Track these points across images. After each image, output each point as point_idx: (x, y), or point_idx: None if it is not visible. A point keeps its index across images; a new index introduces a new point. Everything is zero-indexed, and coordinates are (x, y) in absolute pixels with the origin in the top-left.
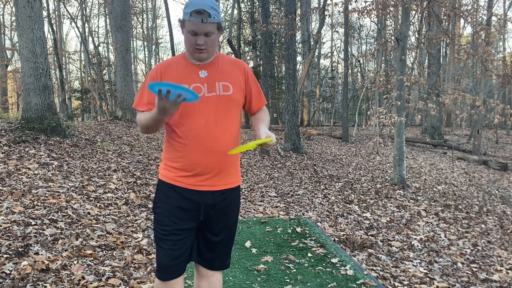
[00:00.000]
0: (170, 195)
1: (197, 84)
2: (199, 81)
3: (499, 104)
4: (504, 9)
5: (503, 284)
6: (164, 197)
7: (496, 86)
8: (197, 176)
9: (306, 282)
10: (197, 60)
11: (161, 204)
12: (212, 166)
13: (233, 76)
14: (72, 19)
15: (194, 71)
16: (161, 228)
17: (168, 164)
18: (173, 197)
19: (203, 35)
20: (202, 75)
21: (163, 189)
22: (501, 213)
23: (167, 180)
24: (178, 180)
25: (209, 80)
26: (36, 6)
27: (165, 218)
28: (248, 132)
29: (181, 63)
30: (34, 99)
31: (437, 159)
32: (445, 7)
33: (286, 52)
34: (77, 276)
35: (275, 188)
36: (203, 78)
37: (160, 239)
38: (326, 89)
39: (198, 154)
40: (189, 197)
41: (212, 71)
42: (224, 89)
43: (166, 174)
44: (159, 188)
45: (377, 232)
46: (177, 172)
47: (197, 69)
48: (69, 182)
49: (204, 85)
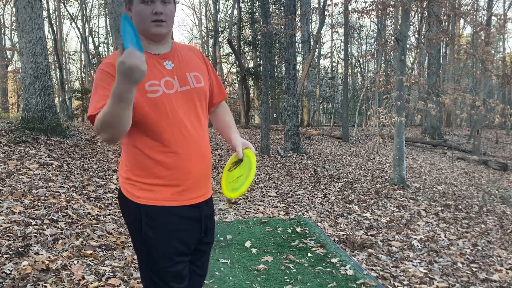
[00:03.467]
0: (165, 220)
1: (167, 78)
2: (168, 74)
3: (499, 104)
4: (504, 9)
5: (503, 284)
6: (156, 224)
7: (496, 86)
8: (192, 188)
9: (306, 282)
10: (155, 39)
11: (155, 234)
12: (203, 172)
13: (198, 65)
14: (72, 19)
15: (158, 62)
16: (162, 264)
17: (147, 182)
18: (170, 222)
19: (160, 1)
20: (169, 67)
21: (152, 215)
22: (501, 213)
23: (154, 202)
24: (172, 199)
25: (178, 71)
26: (36, 6)
27: (166, 249)
28: (248, 132)
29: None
30: (34, 99)
31: (437, 159)
32: (445, 7)
33: (286, 52)
34: (77, 276)
35: (275, 188)
36: (170, 70)
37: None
38: (326, 89)
39: (189, 162)
40: (187, 215)
41: (178, 61)
42: (197, 80)
43: (149, 195)
44: (141, 216)
45: (377, 232)
46: (167, 190)
47: (160, 59)
48: (69, 182)
49: (175, 79)
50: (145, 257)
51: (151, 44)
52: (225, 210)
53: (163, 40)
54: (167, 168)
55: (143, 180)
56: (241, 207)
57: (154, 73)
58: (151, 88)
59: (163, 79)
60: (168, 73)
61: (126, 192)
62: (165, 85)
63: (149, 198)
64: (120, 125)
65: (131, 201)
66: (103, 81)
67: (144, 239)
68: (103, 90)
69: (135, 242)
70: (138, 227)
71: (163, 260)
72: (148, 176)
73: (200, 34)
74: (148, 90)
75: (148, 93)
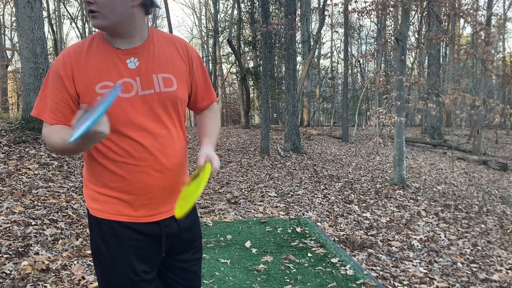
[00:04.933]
0: (118, 234)
1: (126, 79)
2: (128, 74)
3: (499, 104)
4: (504, 9)
5: (503, 284)
6: (109, 238)
7: (496, 86)
8: (148, 204)
9: (306, 282)
10: (107, 32)
11: (107, 249)
12: (165, 186)
13: (175, 65)
14: (72, 20)
15: (119, 59)
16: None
17: (99, 192)
18: (124, 237)
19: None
20: (132, 65)
21: (104, 229)
22: (501, 213)
23: (106, 216)
24: (124, 213)
25: (142, 71)
26: (36, 6)
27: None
28: (248, 132)
29: (100, 48)
30: (34, 99)
31: (437, 159)
32: (445, 7)
33: (286, 52)
34: (77, 276)
35: (275, 188)
36: (133, 69)
37: None
38: (326, 89)
39: (146, 175)
40: (144, 231)
41: (146, 59)
42: (166, 83)
43: (101, 207)
44: (95, 228)
45: (377, 232)
46: (119, 203)
47: (122, 55)
48: (69, 182)
49: (136, 80)
50: (100, 281)
51: (117, 38)
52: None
53: (119, 33)
54: (117, 179)
55: (95, 189)
56: (241, 207)
57: (110, 73)
58: (102, 90)
59: (120, 80)
60: (128, 73)
61: (86, 198)
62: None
63: (101, 210)
64: (76, 152)
65: (88, 210)
66: (54, 85)
67: (97, 255)
68: (54, 98)
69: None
70: (92, 240)
71: (120, 282)
72: (99, 185)
73: (200, 34)
74: (99, 92)
75: (98, 96)
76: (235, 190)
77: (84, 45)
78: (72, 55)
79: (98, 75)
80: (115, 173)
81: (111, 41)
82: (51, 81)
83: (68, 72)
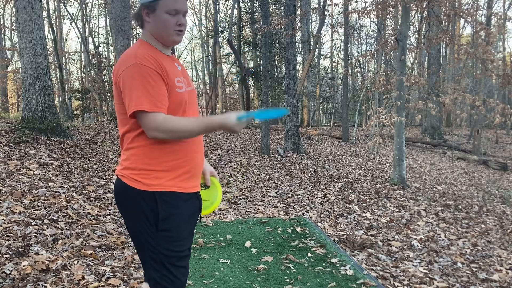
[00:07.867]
0: (179, 204)
1: (179, 78)
2: (180, 74)
3: (499, 104)
4: (504, 9)
5: (503, 284)
6: (173, 209)
7: (496, 86)
8: (195, 177)
9: (306, 282)
10: (170, 45)
11: (173, 219)
12: (201, 163)
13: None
14: (72, 20)
15: (172, 62)
16: (178, 246)
17: (159, 170)
18: (183, 206)
19: (182, 14)
20: (178, 68)
21: (169, 200)
22: (501, 213)
23: (169, 189)
24: (181, 186)
25: (184, 73)
26: (36, 6)
27: (182, 233)
28: (249, 132)
29: (158, 54)
30: (34, 100)
31: (437, 159)
32: (445, 7)
33: (286, 52)
34: (77, 276)
35: (275, 188)
36: (179, 71)
37: (178, 259)
38: (326, 89)
39: (196, 152)
40: (193, 203)
41: (179, 63)
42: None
43: (163, 183)
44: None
45: (377, 232)
46: (179, 177)
47: (171, 60)
48: (69, 182)
49: (182, 79)
50: (161, 247)
51: (163, 47)
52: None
53: (169, 45)
54: (177, 157)
55: (153, 168)
56: (241, 207)
57: (174, 72)
58: (178, 83)
59: (177, 78)
60: (180, 73)
61: (135, 182)
62: (178, 85)
63: (162, 185)
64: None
65: (142, 191)
66: (151, 78)
67: (161, 224)
68: (157, 88)
69: (145, 234)
70: (150, 216)
71: (179, 244)
72: (161, 165)
73: (200, 34)
74: (177, 85)
75: (176, 88)
76: (235, 190)
77: (149, 50)
78: (153, 56)
79: (172, 73)
80: (176, 152)
81: (161, 50)
82: (149, 78)
83: (158, 67)
